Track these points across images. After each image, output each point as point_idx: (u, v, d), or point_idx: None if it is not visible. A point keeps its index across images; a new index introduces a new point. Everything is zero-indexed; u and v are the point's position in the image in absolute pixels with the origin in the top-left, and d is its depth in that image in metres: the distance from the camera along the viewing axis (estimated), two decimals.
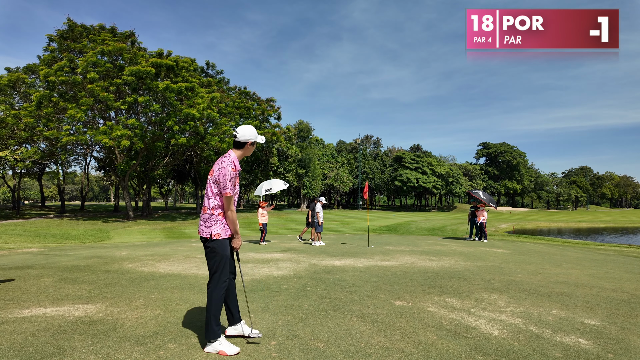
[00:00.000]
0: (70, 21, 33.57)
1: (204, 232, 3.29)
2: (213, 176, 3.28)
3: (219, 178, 3.23)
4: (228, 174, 3.21)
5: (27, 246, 12.78)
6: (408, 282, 6.31)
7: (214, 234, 3.26)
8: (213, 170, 3.30)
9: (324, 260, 8.94)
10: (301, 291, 5.47)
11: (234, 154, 3.39)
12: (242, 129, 3.42)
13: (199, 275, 6.70)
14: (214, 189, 3.27)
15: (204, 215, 3.32)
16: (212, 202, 3.28)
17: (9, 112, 29.78)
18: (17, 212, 38.55)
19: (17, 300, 4.70)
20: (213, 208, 3.27)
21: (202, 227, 3.31)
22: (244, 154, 3.46)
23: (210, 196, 3.28)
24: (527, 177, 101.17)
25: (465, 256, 10.17)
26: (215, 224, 3.26)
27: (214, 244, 3.27)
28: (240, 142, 3.43)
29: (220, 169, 3.24)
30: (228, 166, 3.23)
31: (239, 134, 3.41)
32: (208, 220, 3.27)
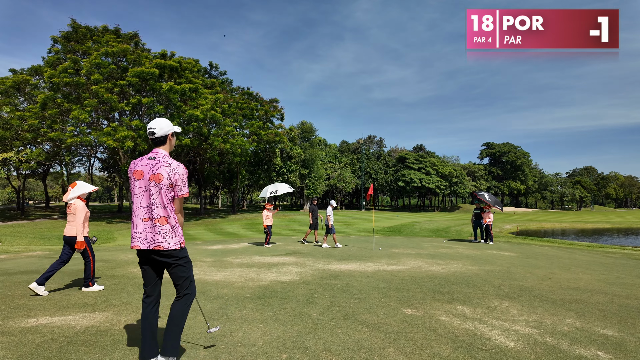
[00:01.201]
0: (74, 22, 33.68)
1: (171, 243, 2.94)
2: (164, 180, 2.92)
3: (176, 180, 2.94)
4: (184, 173, 3.00)
5: (32, 249, 12.78)
6: (417, 288, 6.22)
7: (182, 242, 3.02)
8: (160, 175, 2.92)
9: (330, 264, 8.86)
10: (309, 298, 5.39)
11: (164, 151, 3.07)
12: (157, 122, 3.07)
13: (204, 281, 6.63)
14: (168, 195, 2.94)
15: (161, 226, 2.92)
16: (169, 210, 2.96)
17: (14, 114, 29.91)
18: (22, 213, 38.70)
19: (23, 309, 4.65)
20: (172, 216, 2.97)
21: (165, 239, 2.92)
22: (170, 148, 3.15)
23: (166, 204, 2.94)
24: (531, 177, 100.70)
25: (473, 260, 10.06)
26: (179, 231, 3.01)
27: (185, 252, 3.06)
28: (161, 138, 3.07)
29: (173, 169, 2.95)
30: (181, 165, 3.00)
31: (156, 128, 3.04)
32: (172, 229, 2.95)
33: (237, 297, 5.46)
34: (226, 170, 50.73)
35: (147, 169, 2.96)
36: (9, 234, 19.83)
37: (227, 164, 47.13)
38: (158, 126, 3.05)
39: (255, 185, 64.30)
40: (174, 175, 2.94)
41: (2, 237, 17.98)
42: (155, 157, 3.00)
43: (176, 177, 2.94)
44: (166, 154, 3.04)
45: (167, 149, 3.12)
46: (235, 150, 37.12)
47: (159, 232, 2.92)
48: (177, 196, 2.98)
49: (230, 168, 49.53)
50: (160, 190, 2.92)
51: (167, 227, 2.93)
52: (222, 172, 50.98)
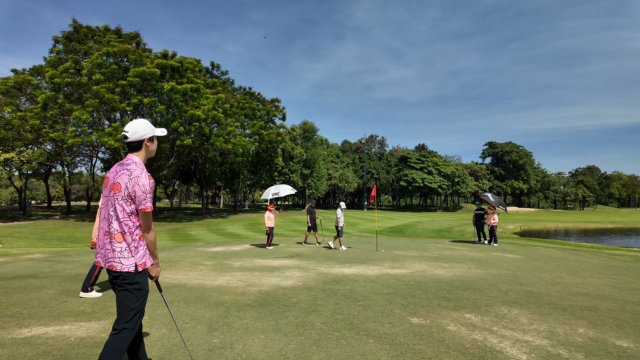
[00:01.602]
0: (76, 23, 33.61)
1: (125, 264, 2.52)
2: (121, 191, 2.55)
3: (135, 191, 2.54)
4: (147, 184, 2.57)
5: (32, 251, 12.67)
6: (422, 294, 6.07)
7: (139, 264, 2.57)
8: (119, 184, 2.56)
9: (333, 267, 8.71)
10: (312, 305, 5.24)
11: (137, 158, 2.69)
12: (132, 125, 2.70)
13: (205, 286, 6.50)
14: (126, 208, 2.55)
15: (117, 243, 2.54)
16: (126, 225, 2.55)
17: (15, 114, 29.87)
18: (24, 214, 38.68)
19: (18, 317, 4.52)
20: (131, 232, 2.56)
21: (119, 259, 2.53)
22: (146, 155, 2.77)
23: (122, 217, 2.54)
24: (533, 176, 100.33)
25: (478, 263, 9.90)
26: (138, 252, 2.58)
27: (141, 277, 2.58)
28: (135, 143, 2.70)
29: (133, 179, 2.55)
30: (143, 174, 2.58)
31: (129, 131, 2.67)
32: (128, 248, 2.55)
33: (238, 304, 5.31)
34: (228, 170, 50.63)
35: (112, 176, 2.65)
36: (10, 235, 19.76)
37: (229, 164, 47.02)
38: (131, 129, 2.68)
39: (257, 185, 64.23)
40: (133, 186, 2.54)
41: (3, 238, 17.90)
42: (123, 163, 2.66)
43: (135, 188, 2.54)
44: (136, 161, 2.66)
45: (143, 156, 2.75)
46: (237, 150, 37.00)
47: (113, 249, 2.54)
48: (138, 210, 2.59)
49: (232, 168, 49.42)
50: (118, 201, 2.55)
51: (122, 245, 2.54)
52: (223, 172, 50.87)
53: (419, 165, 74.45)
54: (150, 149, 2.78)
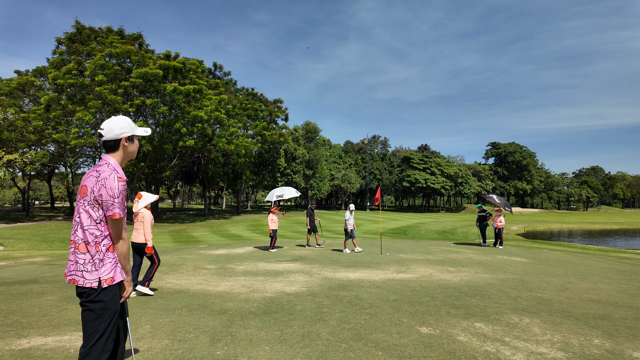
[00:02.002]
0: (79, 24, 33.63)
1: (87, 279, 2.21)
2: (87, 195, 2.26)
3: (101, 195, 2.23)
4: (115, 187, 2.24)
5: (34, 254, 12.61)
6: (430, 300, 5.93)
7: (104, 279, 2.23)
8: (85, 187, 2.28)
9: (337, 272, 8.58)
10: (317, 314, 5.11)
11: (112, 159, 2.38)
12: (108, 122, 2.41)
13: (207, 292, 6.38)
14: (92, 214, 2.25)
15: (80, 255, 2.24)
16: (91, 234, 2.24)
17: (18, 115, 29.89)
18: (27, 214, 38.75)
19: (17, 327, 4.41)
20: (97, 242, 2.25)
21: (82, 272, 2.22)
22: (124, 156, 2.45)
23: (88, 225, 2.24)
24: (537, 177, 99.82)
25: (484, 267, 9.74)
26: (104, 265, 2.25)
27: (106, 295, 2.24)
28: (110, 142, 2.40)
29: (101, 181, 2.24)
30: (112, 176, 2.26)
31: (105, 129, 2.39)
32: (92, 260, 2.23)
33: (242, 311, 5.19)
34: (230, 171, 50.61)
35: (82, 179, 2.36)
36: (13, 237, 19.73)
37: (232, 164, 47.00)
38: (107, 127, 2.39)
39: (259, 186, 64.18)
40: (99, 189, 2.23)
41: (5, 240, 17.87)
42: (97, 165, 2.38)
43: (101, 192, 2.23)
44: (110, 163, 2.34)
45: (119, 157, 2.42)
46: (239, 151, 36.94)
47: (76, 260, 2.24)
48: (106, 217, 2.28)
49: (234, 169, 49.39)
50: (84, 207, 2.26)
51: (86, 257, 2.23)
52: (226, 172, 50.85)
53: (422, 166, 74.18)
54: (129, 150, 2.45)
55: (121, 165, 2.42)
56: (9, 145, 31.47)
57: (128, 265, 2.39)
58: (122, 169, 2.39)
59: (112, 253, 2.31)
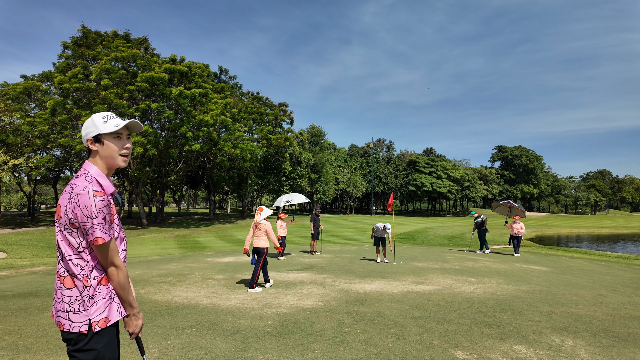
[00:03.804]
0: (85, 28, 33.58)
1: (74, 321, 1.76)
2: (61, 217, 1.79)
3: (76, 215, 1.74)
4: (91, 204, 1.74)
5: (37, 263, 12.28)
6: (458, 318, 5.48)
7: (95, 321, 1.78)
8: (59, 207, 1.81)
9: (352, 283, 8.15)
10: (339, 334, 4.69)
11: (93, 167, 1.88)
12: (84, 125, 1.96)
13: (218, 307, 5.97)
14: (72, 240, 1.78)
15: (66, 291, 1.79)
16: (75, 265, 1.78)
17: (24, 120, 29.79)
18: (32, 219, 38.61)
19: (12, 350, 4.03)
20: (84, 275, 1.78)
21: (68, 313, 1.77)
22: (105, 163, 1.92)
23: (69, 254, 1.78)
24: (544, 181, 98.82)
25: (505, 276, 9.27)
26: (95, 303, 1.79)
27: (99, 341, 1.78)
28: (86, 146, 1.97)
29: (74, 198, 1.75)
30: (87, 190, 1.75)
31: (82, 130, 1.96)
32: (80, 298, 1.77)
33: (256, 331, 4.78)
34: (236, 175, 50.32)
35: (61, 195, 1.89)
36: (17, 243, 19.46)
37: (237, 168, 46.70)
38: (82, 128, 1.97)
39: (264, 190, 63.80)
40: (72, 209, 1.75)
41: (9, 247, 17.59)
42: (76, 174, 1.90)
43: (75, 211, 1.74)
44: (89, 172, 1.85)
45: (100, 164, 1.91)
46: (245, 155, 36.66)
47: (61, 299, 1.79)
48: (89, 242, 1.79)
49: (239, 173, 49.10)
50: (62, 232, 1.80)
51: (72, 294, 1.77)
52: (231, 177, 50.58)
53: (428, 170, 73.58)
54: (102, 154, 1.90)
55: (107, 174, 1.92)
56: (14, 149, 31.36)
57: (131, 296, 1.90)
58: (107, 179, 1.89)
59: (105, 286, 1.84)
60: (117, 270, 1.84)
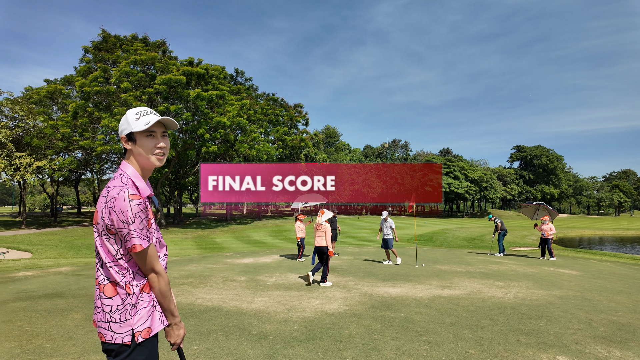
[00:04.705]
0: (105, 32, 34.24)
1: (117, 332, 1.65)
2: (99, 222, 1.69)
3: (112, 221, 1.63)
4: (127, 209, 1.62)
5: (61, 263, 12.46)
6: (491, 324, 5.24)
7: (138, 331, 1.67)
8: (96, 212, 1.71)
9: (376, 286, 7.96)
10: (369, 341, 4.51)
11: (130, 168, 1.77)
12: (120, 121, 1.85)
13: (242, 311, 5.87)
14: (110, 247, 1.67)
15: (106, 300, 1.67)
16: (117, 273, 1.67)
17: (47, 123, 30.51)
18: (55, 220, 39.56)
19: (40, 354, 3.99)
20: (126, 282, 1.67)
21: (109, 323, 1.66)
22: (140, 162, 1.78)
23: (108, 261, 1.68)
24: (565, 181, 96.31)
25: (534, 280, 8.93)
26: (137, 311, 1.68)
27: (141, 353, 1.68)
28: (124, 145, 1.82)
29: (109, 203, 1.64)
30: (122, 194, 1.63)
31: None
32: (122, 307, 1.66)
33: (283, 336, 4.65)
34: None
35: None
36: (41, 243, 19.89)
37: None
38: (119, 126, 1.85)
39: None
40: (109, 214, 1.63)
41: (34, 247, 17.97)
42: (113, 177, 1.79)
43: (112, 216, 1.63)
44: (125, 174, 1.74)
45: (136, 164, 1.79)
46: (261, 157, 36.78)
47: (102, 307, 1.68)
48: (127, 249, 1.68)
49: None
50: (100, 237, 1.69)
51: (114, 302, 1.66)
52: None
53: (445, 170, 72.58)
54: (136, 152, 1.77)
55: (143, 175, 1.80)
56: (38, 152, 32.16)
57: (172, 304, 1.78)
58: (143, 180, 1.78)
59: (148, 294, 1.73)
60: (158, 277, 1.74)
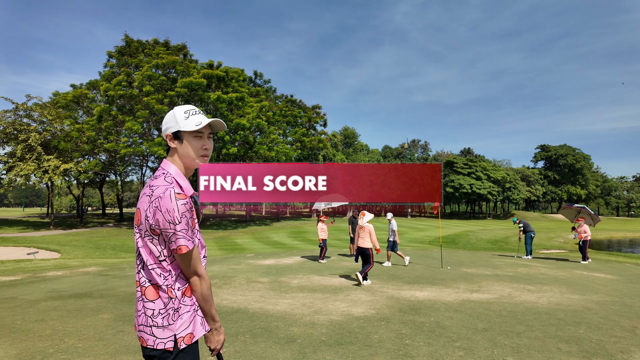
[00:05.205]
0: (128, 37, 35.08)
1: (159, 337, 1.58)
2: (141, 222, 1.61)
3: (157, 221, 1.56)
4: (174, 209, 1.55)
5: (88, 263, 12.75)
6: (527, 331, 5.01)
7: (181, 337, 1.60)
8: (139, 212, 1.63)
9: (402, 289, 7.78)
10: (400, 347, 4.37)
11: (172, 166, 1.71)
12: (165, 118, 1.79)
13: (267, 312, 5.81)
14: (153, 248, 1.61)
15: (148, 303, 1.61)
16: (159, 275, 1.60)
17: (74, 127, 31.46)
18: (81, 221, 40.73)
19: (72, 353, 4.02)
20: (169, 285, 1.61)
21: (151, 327, 1.59)
22: (185, 162, 1.73)
23: (150, 263, 1.61)
24: (592, 181, 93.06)
25: (567, 284, 8.57)
26: (180, 316, 1.61)
27: (185, 359, 1.62)
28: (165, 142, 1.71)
29: (154, 202, 1.57)
30: (168, 193, 1.57)
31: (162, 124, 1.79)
32: (164, 311, 1.60)
33: (311, 340, 4.55)
34: None
35: (140, 196, 1.69)
36: (68, 244, 20.46)
37: None
38: (163, 122, 1.79)
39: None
40: (154, 213, 1.56)
41: (62, 247, 18.50)
42: (154, 175, 1.72)
43: (157, 217, 1.56)
44: (168, 172, 1.68)
45: (179, 163, 1.73)
46: (279, 158, 36.92)
47: (144, 311, 1.61)
48: (171, 250, 1.61)
49: None
50: (142, 238, 1.62)
51: (156, 306, 1.60)
52: None
53: (466, 171, 71.19)
54: (182, 152, 1.71)
55: (185, 174, 1.73)
56: (65, 155, 33.19)
57: (214, 309, 1.71)
58: (186, 179, 1.73)
59: (190, 298, 1.66)
60: (201, 280, 1.67)
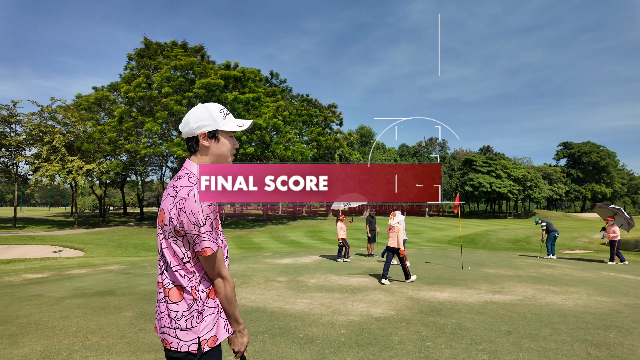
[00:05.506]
0: (147, 40, 35.75)
1: (183, 340, 1.56)
2: (165, 224, 1.58)
3: (182, 222, 1.52)
4: (198, 210, 1.51)
5: (110, 262, 13.04)
6: (554, 334, 4.85)
7: (205, 339, 1.58)
8: (163, 212, 1.59)
9: (422, 290, 7.66)
10: (421, 349, 4.29)
11: (196, 166, 1.64)
12: (187, 115, 1.70)
13: (286, 312, 5.80)
14: (177, 250, 1.58)
15: (172, 305, 1.58)
16: (183, 277, 1.57)
17: (95, 128, 32.29)
18: (103, 220, 41.78)
19: (96, 351, 4.09)
20: (193, 287, 1.58)
21: (175, 330, 1.57)
22: (220, 162, 1.69)
23: (174, 264, 1.58)
24: (618, 179, 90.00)
25: (594, 286, 8.28)
26: (204, 318, 1.59)
27: None
28: (189, 140, 1.70)
29: (179, 203, 1.53)
30: (192, 194, 1.52)
31: (183, 122, 1.69)
32: (188, 313, 1.57)
33: (331, 340, 4.51)
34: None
35: (163, 196, 1.65)
36: (92, 242, 21.00)
37: None
38: (184, 119, 1.69)
39: None
40: (178, 215, 1.52)
41: (86, 245, 19.00)
42: (178, 174, 1.66)
43: (181, 219, 1.52)
44: (192, 173, 1.62)
45: (204, 162, 1.67)
46: (296, 157, 37.00)
47: (166, 313, 1.59)
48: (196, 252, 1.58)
49: None
50: (166, 239, 1.60)
51: (180, 307, 1.57)
52: None
53: (486, 169, 69.88)
54: (215, 152, 1.67)
55: None
56: (87, 156, 34.09)
57: (237, 311, 1.68)
58: None
59: (213, 300, 1.63)
60: (224, 282, 1.64)
